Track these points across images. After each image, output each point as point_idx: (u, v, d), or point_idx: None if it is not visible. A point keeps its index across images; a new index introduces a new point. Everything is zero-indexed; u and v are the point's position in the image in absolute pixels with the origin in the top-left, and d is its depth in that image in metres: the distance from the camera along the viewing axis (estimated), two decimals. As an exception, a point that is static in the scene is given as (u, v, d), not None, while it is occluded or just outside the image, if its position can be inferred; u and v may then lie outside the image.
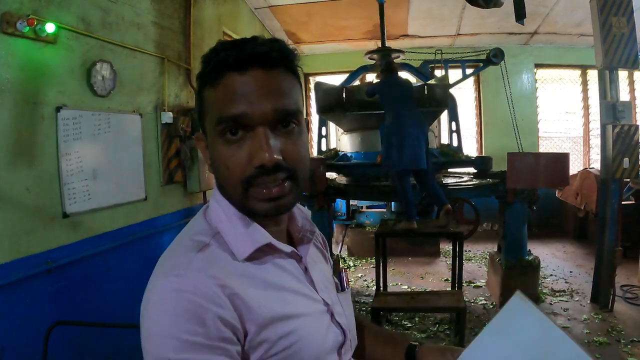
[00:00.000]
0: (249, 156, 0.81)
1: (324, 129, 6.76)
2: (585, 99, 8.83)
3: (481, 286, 5.69)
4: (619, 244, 4.75)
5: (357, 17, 7.38)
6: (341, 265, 1.15)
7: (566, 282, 5.67)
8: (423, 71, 6.50)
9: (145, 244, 3.92)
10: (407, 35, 8.20)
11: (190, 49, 4.77)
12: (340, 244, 7.46)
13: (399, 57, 6.26)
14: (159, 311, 0.74)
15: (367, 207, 7.88)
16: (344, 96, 5.67)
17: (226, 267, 0.81)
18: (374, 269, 4.76)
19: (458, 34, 8.17)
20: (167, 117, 4.27)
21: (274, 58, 0.83)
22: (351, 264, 6.86)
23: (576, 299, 5.09)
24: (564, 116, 8.99)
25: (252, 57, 0.82)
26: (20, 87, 2.79)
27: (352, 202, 7.50)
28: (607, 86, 4.73)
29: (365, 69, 6.76)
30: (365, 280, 6.08)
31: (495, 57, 6.18)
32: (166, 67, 4.33)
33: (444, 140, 6.64)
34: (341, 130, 6.32)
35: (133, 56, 3.87)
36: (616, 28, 4.57)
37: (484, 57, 6.39)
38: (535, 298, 5.04)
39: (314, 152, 7.03)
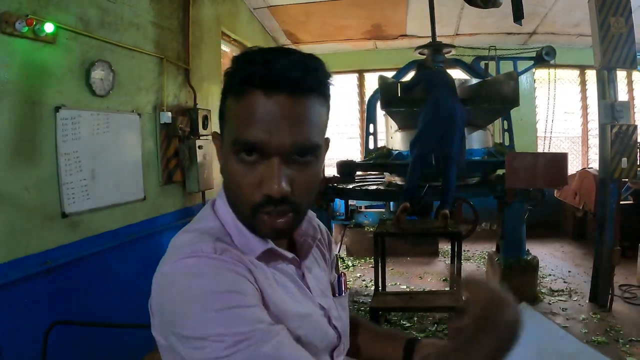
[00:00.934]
0: (259, 182, 0.80)
1: (371, 126, 6.53)
2: (584, 99, 8.84)
3: (480, 286, 5.68)
4: (618, 243, 4.75)
5: (356, 17, 7.37)
6: (340, 267, 1.14)
7: (565, 282, 5.68)
8: (475, 68, 6.37)
9: (144, 244, 3.92)
10: (405, 35, 8.19)
11: (189, 49, 4.77)
12: (339, 244, 7.46)
13: (450, 51, 6.12)
14: (183, 273, 0.76)
15: (366, 207, 7.88)
16: (399, 92, 5.31)
17: (243, 260, 0.83)
18: (373, 268, 4.76)
19: (457, 34, 8.17)
20: (166, 117, 4.27)
21: (305, 85, 0.79)
22: (350, 263, 6.86)
23: (575, 299, 5.10)
24: (563, 116, 9.00)
25: (282, 80, 0.77)
26: (19, 87, 2.79)
27: (350, 202, 7.49)
28: (606, 86, 4.74)
29: (415, 63, 6.29)
30: (364, 280, 6.08)
31: (547, 54, 6.14)
32: (165, 67, 4.33)
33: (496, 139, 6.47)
34: (394, 128, 5.94)
35: (132, 56, 3.87)
36: (614, 28, 4.57)
37: (533, 54, 6.32)
38: (534, 298, 5.05)
39: (363, 151, 6.74)
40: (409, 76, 5.81)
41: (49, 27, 2.91)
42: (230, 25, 6.17)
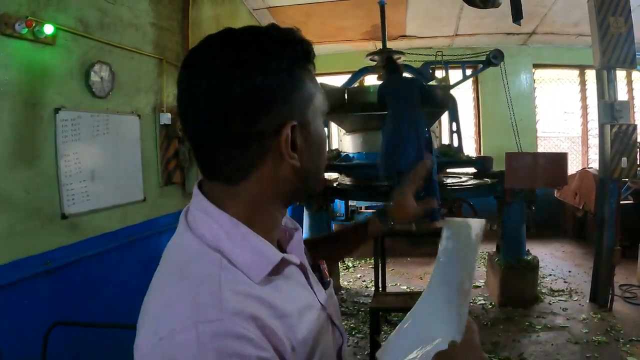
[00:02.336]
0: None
1: (325, 129, 6.69)
2: (584, 98, 8.84)
3: (480, 286, 5.69)
4: (618, 243, 4.76)
5: (356, 17, 7.38)
6: (340, 267, 1.13)
7: (565, 282, 5.68)
8: (424, 72, 6.47)
9: (144, 245, 3.91)
10: (405, 36, 8.20)
11: (188, 50, 4.75)
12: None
13: (399, 58, 6.25)
14: None
15: (366, 208, 7.88)
16: (345, 97, 5.70)
17: (252, 297, 0.70)
18: (373, 269, 4.76)
19: (456, 35, 8.17)
20: (166, 118, 4.27)
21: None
22: (350, 264, 6.85)
23: (575, 299, 5.10)
24: (563, 116, 9.01)
25: (314, 53, 0.84)
26: (18, 89, 2.79)
27: (351, 202, 7.50)
28: (605, 86, 4.74)
29: (367, 70, 6.71)
30: (364, 281, 6.08)
31: (495, 58, 6.16)
32: (164, 68, 4.33)
33: (445, 140, 6.63)
34: (343, 131, 6.31)
35: (131, 57, 3.87)
36: (614, 28, 4.58)
37: (483, 58, 6.39)
38: (534, 298, 5.05)
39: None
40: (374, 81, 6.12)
41: (48, 29, 2.91)
42: (230, 26, 6.16)
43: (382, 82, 5.50)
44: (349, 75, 6.77)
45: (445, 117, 6.46)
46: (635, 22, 4.70)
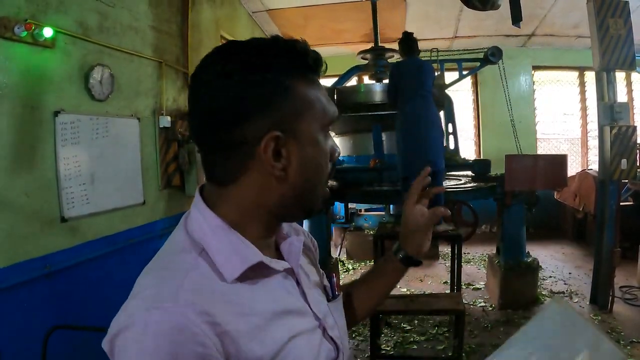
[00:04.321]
0: (329, 153, 0.88)
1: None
2: (583, 100, 8.85)
3: (480, 288, 5.69)
4: (618, 244, 4.75)
5: (355, 20, 7.38)
6: (340, 270, 1.12)
7: (565, 284, 5.67)
8: None
9: (144, 248, 3.90)
10: (404, 38, 8.20)
11: (188, 52, 4.77)
12: (339, 247, 7.45)
13: (392, 56, 6.22)
14: (137, 349, 0.68)
15: (366, 210, 7.88)
16: (335, 97, 5.62)
17: (215, 294, 0.74)
18: (373, 271, 4.75)
19: (455, 37, 8.19)
20: (165, 121, 4.27)
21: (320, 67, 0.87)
22: (350, 267, 6.85)
23: (575, 300, 5.09)
24: (562, 118, 9.02)
25: (319, 63, 0.85)
26: (17, 92, 2.78)
27: (350, 205, 7.50)
28: (605, 87, 4.74)
29: (358, 69, 6.67)
30: (364, 283, 6.06)
31: (492, 55, 6.09)
32: (164, 71, 4.33)
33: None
34: (333, 133, 6.26)
35: (131, 60, 3.87)
36: (613, 29, 4.58)
37: (481, 56, 6.36)
38: (534, 300, 5.04)
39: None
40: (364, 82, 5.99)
41: (47, 32, 2.91)
42: (229, 29, 6.18)
43: (396, 62, 4.99)
44: (349, 78, 6.77)
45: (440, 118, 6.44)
46: (634, 24, 4.70)
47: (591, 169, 7.14)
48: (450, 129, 6.21)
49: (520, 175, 4.80)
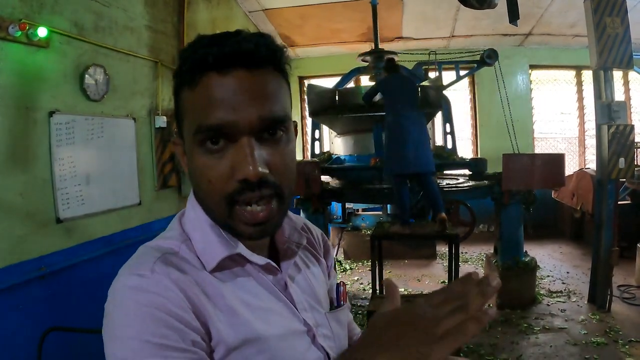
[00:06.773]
0: (231, 169, 0.72)
1: (317, 131, 6.73)
2: (580, 99, 8.85)
3: (478, 288, 5.67)
4: (616, 244, 4.75)
5: (351, 19, 7.38)
6: (337, 270, 1.09)
7: (563, 283, 5.67)
8: (416, 73, 6.47)
9: (140, 249, 3.89)
10: (401, 38, 8.20)
11: (184, 52, 4.76)
12: (336, 247, 7.44)
13: (393, 59, 6.25)
14: (121, 312, 0.72)
15: (363, 210, 7.87)
16: (336, 99, 5.68)
17: (191, 276, 0.74)
18: (370, 271, 4.74)
19: (452, 36, 8.18)
20: (161, 121, 4.25)
21: (260, 56, 0.74)
22: (347, 267, 6.84)
23: (573, 300, 5.09)
24: (559, 117, 9.02)
25: (235, 55, 0.72)
26: (12, 92, 2.77)
27: (348, 204, 7.49)
28: (602, 86, 4.74)
29: (359, 71, 6.74)
30: (361, 284, 6.06)
31: (489, 57, 6.15)
32: (160, 71, 4.31)
33: (438, 142, 6.63)
34: (334, 133, 6.29)
35: (126, 60, 3.85)
36: (610, 28, 4.58)
37: (477, 58, 6.38)
38: (532, 299, 5.04)
39: (308, 156, 7.01)
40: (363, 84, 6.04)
41: (42, 32, 2.89)
42: (226, 29, 5.95)
43: (381, 79, 5.36)
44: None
45: (439, 118, 6.47)
46: (631, 23, 4.69)
47: (589, 168, 7.14)
48: (448, 129, 6.21)
49: (518, 175, 4.80)
